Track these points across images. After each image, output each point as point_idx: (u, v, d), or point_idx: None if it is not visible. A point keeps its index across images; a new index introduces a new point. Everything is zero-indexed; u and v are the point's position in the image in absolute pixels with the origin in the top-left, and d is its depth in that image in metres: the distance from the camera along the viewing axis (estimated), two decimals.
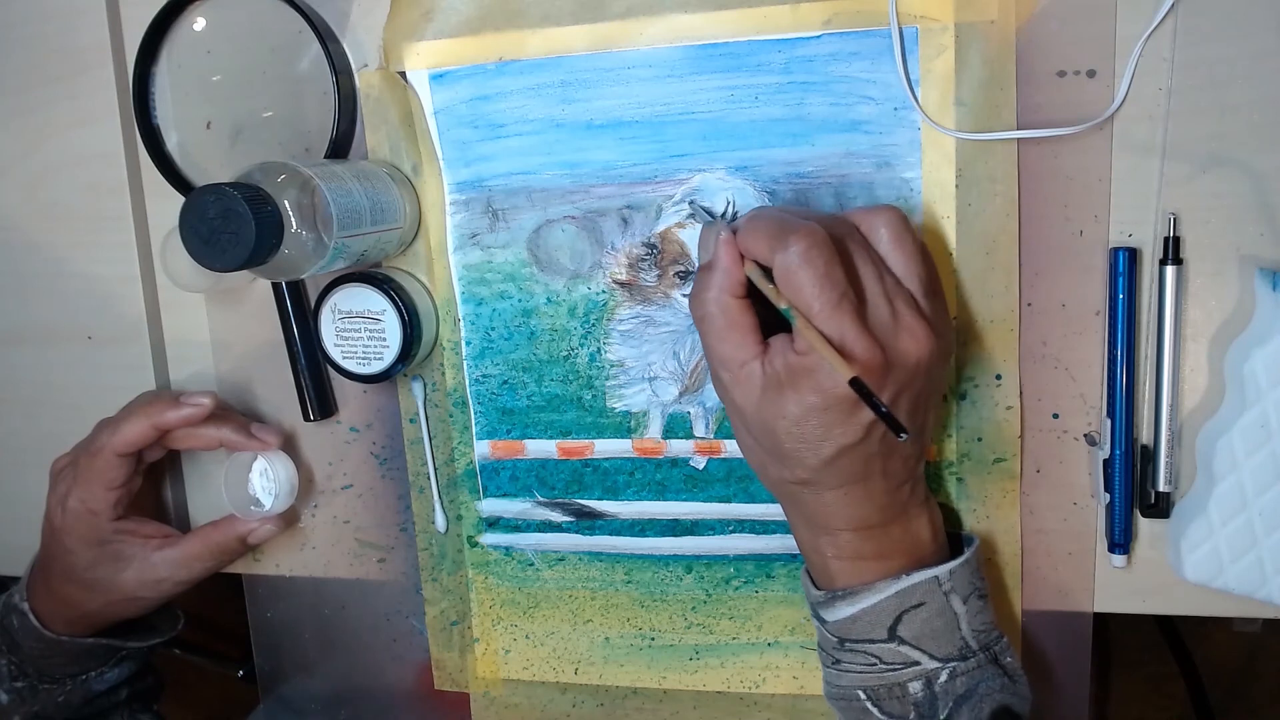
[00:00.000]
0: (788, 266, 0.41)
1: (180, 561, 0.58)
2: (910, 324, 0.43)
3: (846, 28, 0.50)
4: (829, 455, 0.43)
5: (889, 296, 0.43)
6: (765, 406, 0.44)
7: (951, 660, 0.45)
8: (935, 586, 0.45)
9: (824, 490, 0.45)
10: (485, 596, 0.61)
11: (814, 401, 0.42)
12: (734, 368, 0.45)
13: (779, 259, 0.42)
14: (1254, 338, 0.47)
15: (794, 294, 0.42)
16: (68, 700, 0.60)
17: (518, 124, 0.54)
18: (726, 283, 0.44)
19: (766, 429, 0.44)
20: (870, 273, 0.43)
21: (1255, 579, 0.49)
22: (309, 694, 0.66)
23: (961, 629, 0.46)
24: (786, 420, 0.43)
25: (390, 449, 0.61)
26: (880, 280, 0.43)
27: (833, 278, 0.41)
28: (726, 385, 0.45)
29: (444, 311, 0.57)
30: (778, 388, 0.43)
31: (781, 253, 0.41)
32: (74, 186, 0.61)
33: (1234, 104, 0.47)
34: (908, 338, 0.43)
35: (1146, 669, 1.17)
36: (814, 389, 0.42)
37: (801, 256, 0.41)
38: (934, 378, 0.45)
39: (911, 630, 0.45)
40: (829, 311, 0.41)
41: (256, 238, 0.43)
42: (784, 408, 0.43)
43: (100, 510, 0.56)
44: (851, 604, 0.46)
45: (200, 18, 0.57)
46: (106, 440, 0.55)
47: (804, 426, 0.43)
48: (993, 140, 0.49)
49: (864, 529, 0.46)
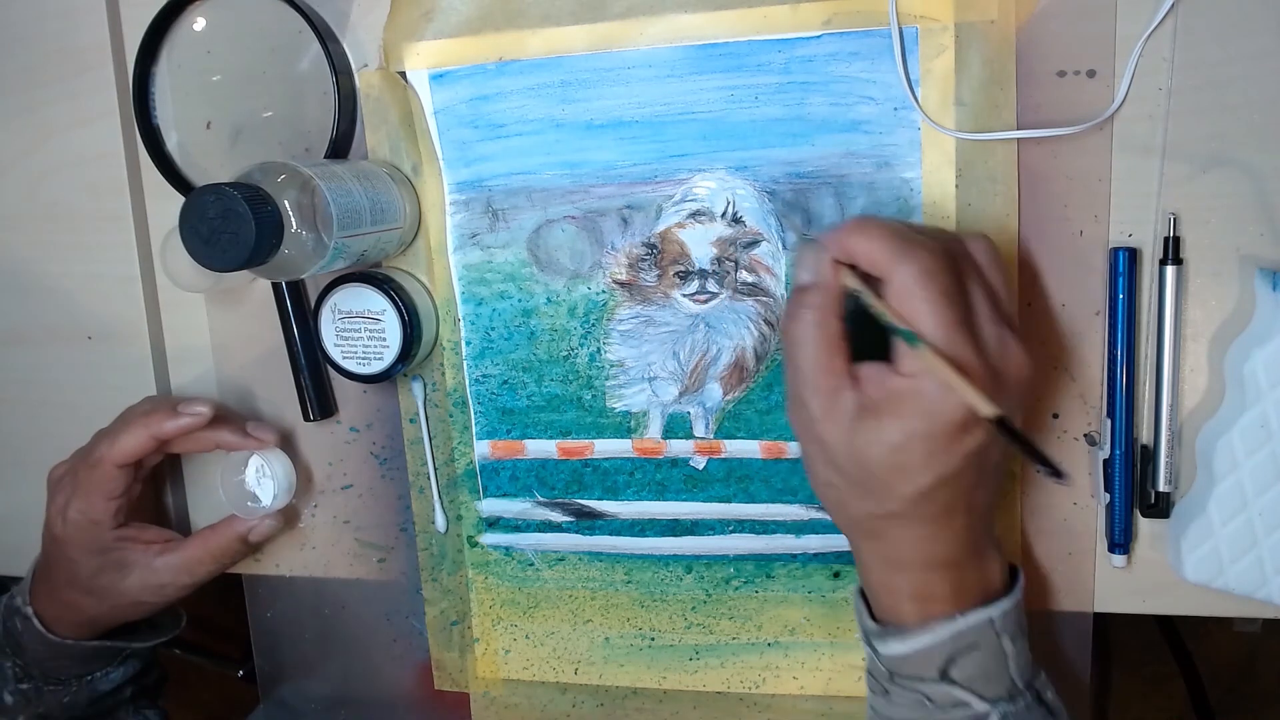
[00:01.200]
0: (910, 281, 0.39)
1: (182, 566, 0.58)
2: (1015, 350, 0.41)
3: (846, 28, 0.50)
4: (925, 486, 0.41)
5: (995, 321, 0.41)
6: (859, 436, 0.41)
7: (1000, 701, 0.44)
8: (989, 628, 0.43)
9: (912, 524, 0.43)
10: (485, 596, 0.61)
11: (918, 427, 0.40)
12: (825, 396, 0.42)
13: (901, 272, 0.40)
14: (1254, 338, 0.47)
15: (913, 311, 0.40)
16: (73, 701, 0.60)
17: (518, 124, 0.54)
18: (831, 303, 0.42)
19: (857, 460, 0.42)
20: (980, 295, 0.41)
21: (1255, 579, 0.49)
22: (309, 694, 0.66)
23: (1010, 669, 0.44)
24: (884, 447, 0.41)
25: (390, 449, 0.61)
26: (989, 304, 0.42)
27: (954, 299, 0.40)
28: (815, 415, 0.43)
29: (444, 311, 0.57)
30: (875, 414, 0.41)
31: (906, 265, 0.39)
32: (74, 186, 0.61)
33: (1234, 104, 0.47)
34: (1014, 363, 0.41)
35: (1146, 669, 1.17)
36: (919, 414, 0.40)
37: (927, 273, 0.39)
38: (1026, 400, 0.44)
39: (964, 672, 0.43)
40: (949, 333, 0.39)
41: (256, 238, 0.43)
42: (883, 434, 0.41)
43: (101, 520, 0.56)
44: (905, 642, 0.44)
45: (200, 18, 0.57)
46: (105, 452, 0.55)
47: (904, 454, 0.41)
48: (993, 140, 0.49)
49: (942, 568, 0.44)
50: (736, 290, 0.53)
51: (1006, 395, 0.41)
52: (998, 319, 0.42)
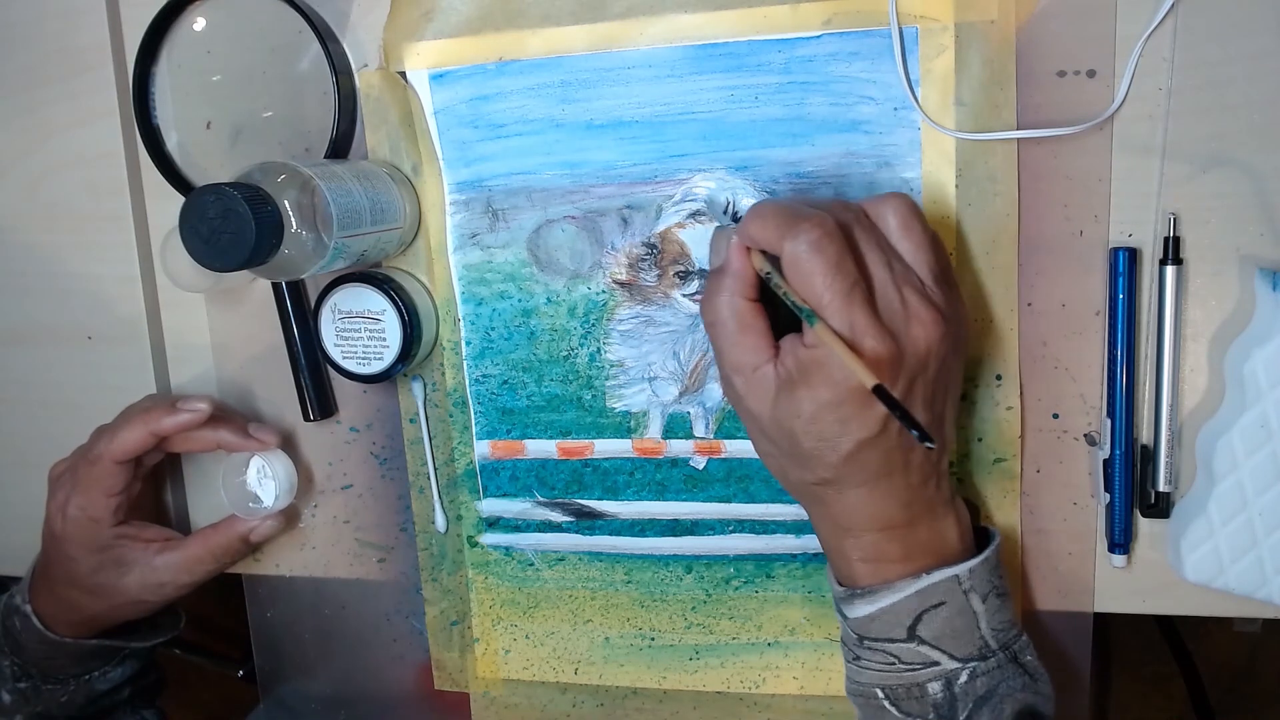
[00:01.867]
0: (797, 255, 0.41)
1: (182, 565, 0.58)
2: (919, 311, 0.42)
3: (846, 28, 0.50)
4: (848, 451, 0.43)
5: (898, 284, 0.42)
6: (780, 407, 0.43)
7: (971, 660, 0.45)
8: (955, 585, 0.45)
9: (847, 489, 0.45)
10: (485, 596, 0.61)
11: (827, 396, 0.42)
12: (747, 372, 0.44)
13: (788, 247, 0.41)
14: (1254, 338, 0.47)
15: (804, 284, 0.41)
16: (71, 700, 0.60)
17: (518, 124, 0.54)
18: (738, 285, 0.44)
19: (784, 431, 0.44)
20: (878, 260, 0.42)
21: (1255, 579, 0.49)
22: (309, 694, 0.66)
23: (981, 628, 0.45)
24: (802, 419, 0.43)
25: (390, 449, 0.61)
26: (889, 268, 0.42)
27: (843, 267, 0.41)
28: (740, 392, 0.45)
29: (444, 311, 0.57)
30: (790, 387, 0.43)
31: (791, 241, 0.41)
32: (74, 186, 0.61)
33: (1234, 104, 0.47)
34: (918, 326, 0.42)
35: (1146, 669, 1.17)
36: (826, 383, 0.42)
37: (812, 245, 0.41)
38: (949, 367, 0.45)
39: (931, 630, 0.45)
40: (840, 302, 0.41)
41: (256, 238, 0.43)
42: (799, 406, 0.43)
43: (101, 517, 0.56)
44: (870, 602, 0.45)
45: (200, 18, 0.57)
46: (104, 448, 0.55)
47: (820, 423, 0.43)
48: (993, 140, 0.49)
49: (889, 528, 0.45)
50: None
51: (913, 355, 0.42)
52: (901, 281, 0.42)
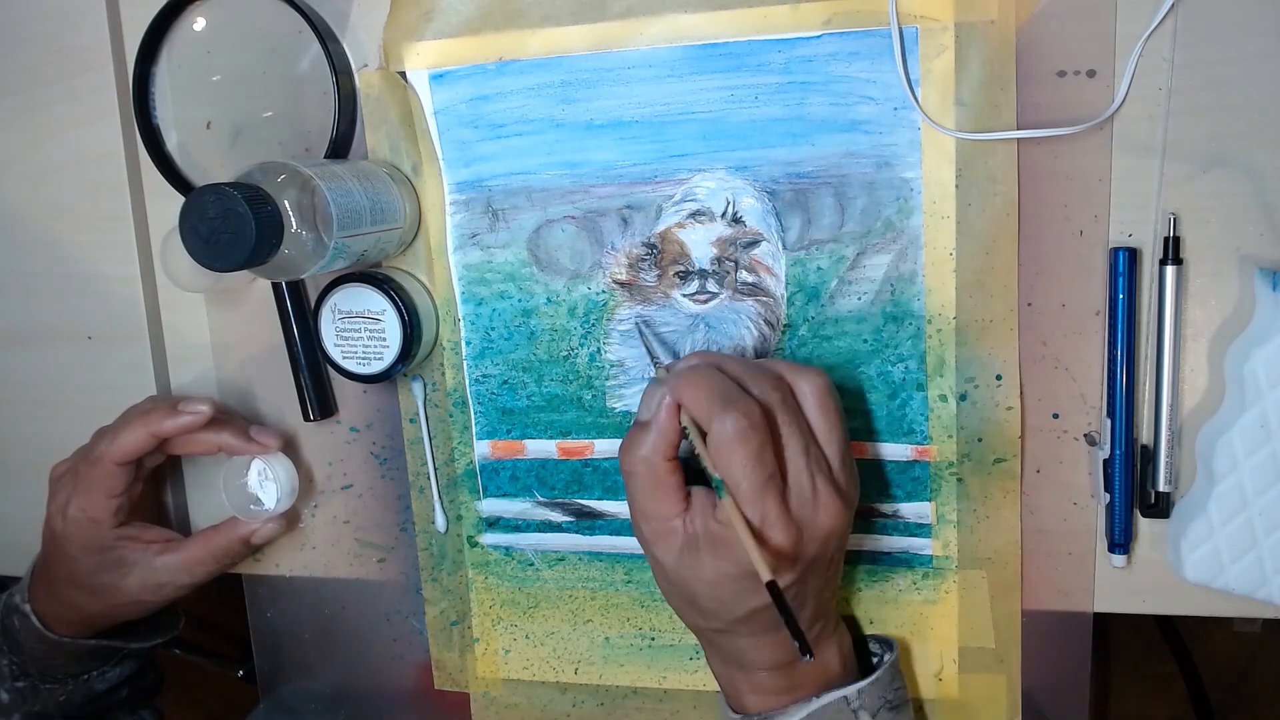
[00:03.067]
0: (721, 439, 0.42)
1: (182, 566, 0.58)
2: (826, 500, 0.44)
3: (846, 28, 0.50)
4: (742, 614, 0.45)
5: (811, 472, 0.44)
6: (683, 565, 0.45)
7: None
8: (844, 706, 0.47)
9: (738, 638, 0.47)
10: (485, 596, 0.61)
11: (729, 570, 0.44)
12: (655, 522, 0.46)
13: (715, 428, 0.43)
14: (1254, 338, 0.47)
15: (724, 467, 0.43)
16: (69, 699, 0.60)
17: (518, 124, 0.54)
18: (661, 444, 0.45)
19: (684, 584, 0.46)
20: (797, 446, 0.44)
21: (1255, 579, 0.49)
22: (309, 694, 0.66)
23: None
24: (703, 582, 0.45)
25: (390, 449, 0.61)
26: (805, 454, 0.44)
27: (763, 459, 0.42)
28: (648, 538, 0.47)
29: (444, 311, 0.57)
30: (695, 550, 0.45)
31: (719, 423, 0.42)
32: (74, 186, 0.61)
33: (1234, 104, 0.47)
34: (824, 514, 0.44)
35: (1146, 669, 1.17)
36: (730, 560, 0.44)
37: (738, 434, 0.42)
38: (844, 539, 0.47)
39: None
40: (754, 493, 0.42)
41: (256, 238, 0.43)
42: (700, 569, 0.45)
43: (101, 518, 0.56)
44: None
45: (200, 18, 0.57)
46: (105, 449, 0.55)
47: (719, 589, 0.45)
48: (993, 140, 0.49)
49: (776, 668, 0.47)
50: (736, 290, 0.53)
51: (816, 541, 0.44)
52: (814, 469, 0.44)
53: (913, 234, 0.51)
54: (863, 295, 0.52)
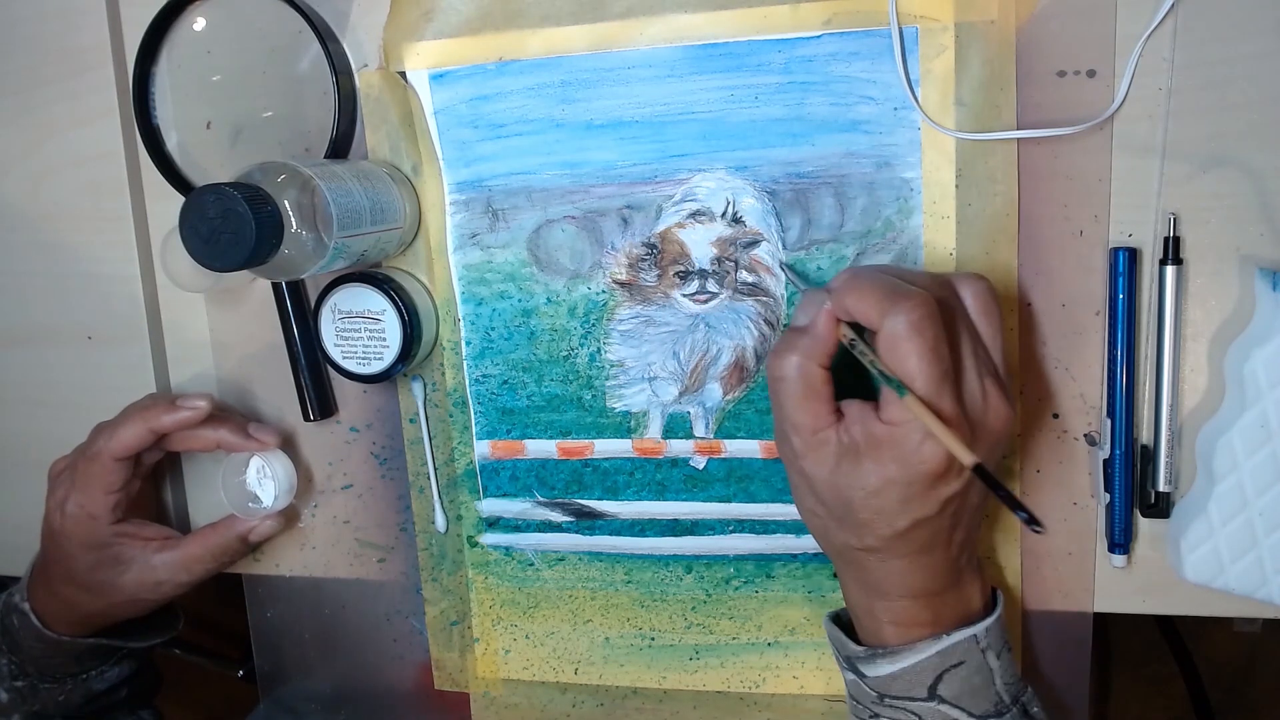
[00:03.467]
0: (896, 334, 0.40)
1: (180, 564, 0.58)
2: (996, 403, 0.43)
3: (846, 28, 0.50)
4: (903, 528, 0.43)
5: (980, 373, 0.42)
6: (840, 475, 0.43)
7: (988, 717, 0.45)
8: (974, 644, 0.45)
9: (890, 559, 0.45)
10: (485, 596, 0.61)
11: (896, 473, 0.42)
12: (806, 434, 0.44)
13: (888, 324, 0.41)
14: (1254, 338, 0.47)
15: (899, 363, 0.41)
16: (68, 699, 0.60)
17: (518, 124, 0.54)
18: (816, 351, 0.44)
19: (840, 497, 0.44)
20: (968, 346, 0.43)
21: (1255, 579, 0.49)
22: (309, 694, 0.66)
23: (996, 684, 0.45)
24: (865, 490, 0.43)
25: (390, 449, 0.61)
26: (975, 355, 0.43)
27: (940, 352, 0.41)
28: (797, 451, 0.44)
29: (444, 311, 0.57)
30: (855, 457, 0.43)
31: (892, 319, 0.40)
32: (74, 186, 0.61)
33: (1234, 104, 0.47)
34: (994, 417, 0.43)
35: (1146, 669, 1.17)
36: (898, 460, 0.42)
37: (913, 326, 0.40)
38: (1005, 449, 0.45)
39: (951, 689, 0.45)
40: (932, 386, 0.40)
41: (256, 238, 0.43)
42: (862, 478, 0.42)
43: (99, 514, 0.56)
44: (893, 662, 0.45)
45: (200, 18, 0.57)
46: (104, 445, 0.55)
47: (882, 498, 0.42)
48: (993, 140, 0.49)
49: (922, 596, 0.45)
50: (736, 290, 0.53)
51: (985, 444, 0.43)
52: (982, 370, 0.43)
53: (913, 234, 0.51)
54: None
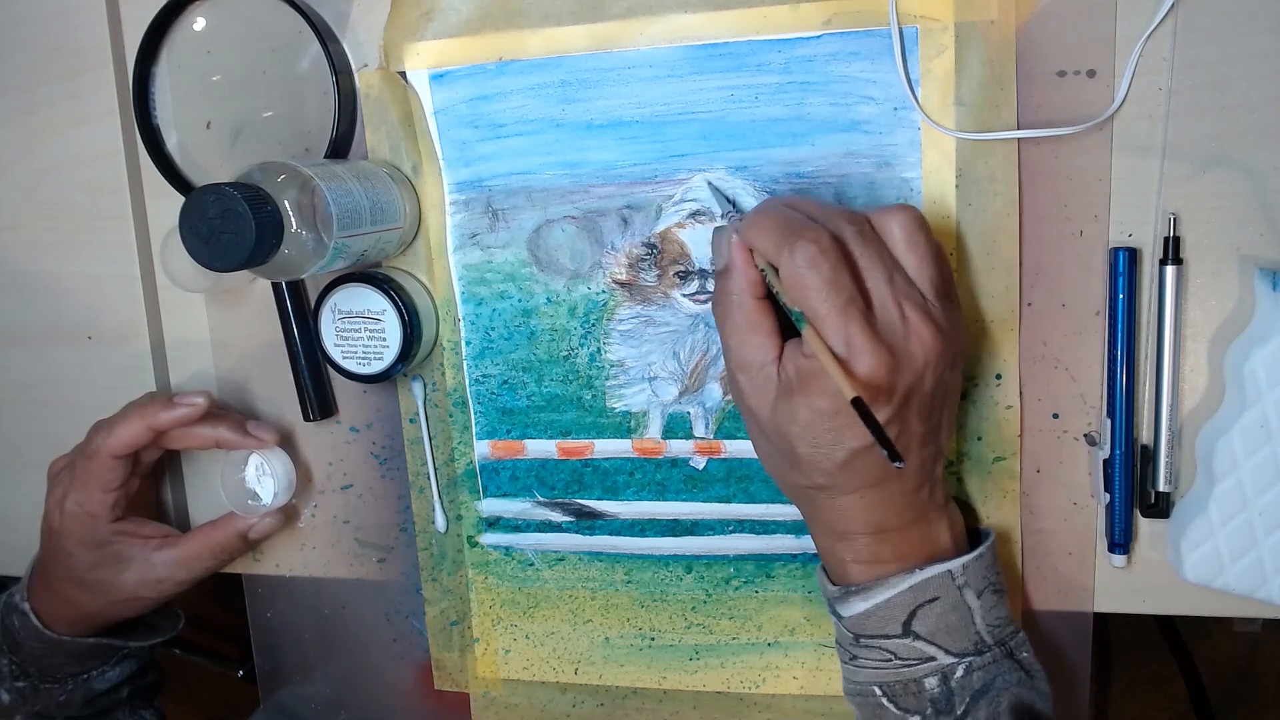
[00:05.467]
0: (793, 269, 0.41)
1: (180, 561, 0.58)
2: (918, 327, 0.42)
3: (846, 28, 0.50)
4: (842, 459, 0.43)
5: (898, 299, 0.42)
6: (779, 411, 0.44)
7: (967, 655, 0.45)
8: (949, 580, 0.45)
9: (840, 494, 0.45)
10: (485, 596, 0.61)
11: (823, 406, 0.42)
12: (752, 370, 0.45)
13: (784, 260, 0.41)
14: (1254, 338, 0.47)
15: (800, 297, 0.41)
16: (69, 699, 0.60)
17: (518, 124, 0.54)
18: (745, 284, 0.44)
19: (781, 434, 0.44)
20: (879, 275, 0.42)
21: (1255, 579, 0.49)
22: (309, 694, 0.66)
23: (976, 624, 0.45)
24: (798, 425, 0.43)
25: (390, 449, 0.61)
26: (889, 283, 0.42)
27: (838, 283, 0.41)
28: (744, 389, 0.45)
29: (444, 311, 0.57)
30: (789, 393, 0.43)
31: (787, 254, 0.41)
32: (74, 186, 0.61)
33: (1234, 104, 0.47)
34: (916, 341, 0.42)
35: (1146, 669, 1.17)
36: (822, 393, 0.42)
37: (808, 260, 0.41)
38: (945, 379, 0.45)
39: (926, 625, 0.45)
40: (835, 317, 0.41)
41: (256, 238, 0.43)
42: (795, 412, 0.43)
43: (98, 513, 0.56)
44: (866, 599, 0.46)
45: (200, 18, 0.57)
46: (102, 443, 0.55)
47: (815, 431, 0.43)
48: (993, 140, 0.49)
49: (881, 532, 0.46)
50: None
51: (910, 369, 0.42)
52: (900, 298, 0.42)
53: None
54: None
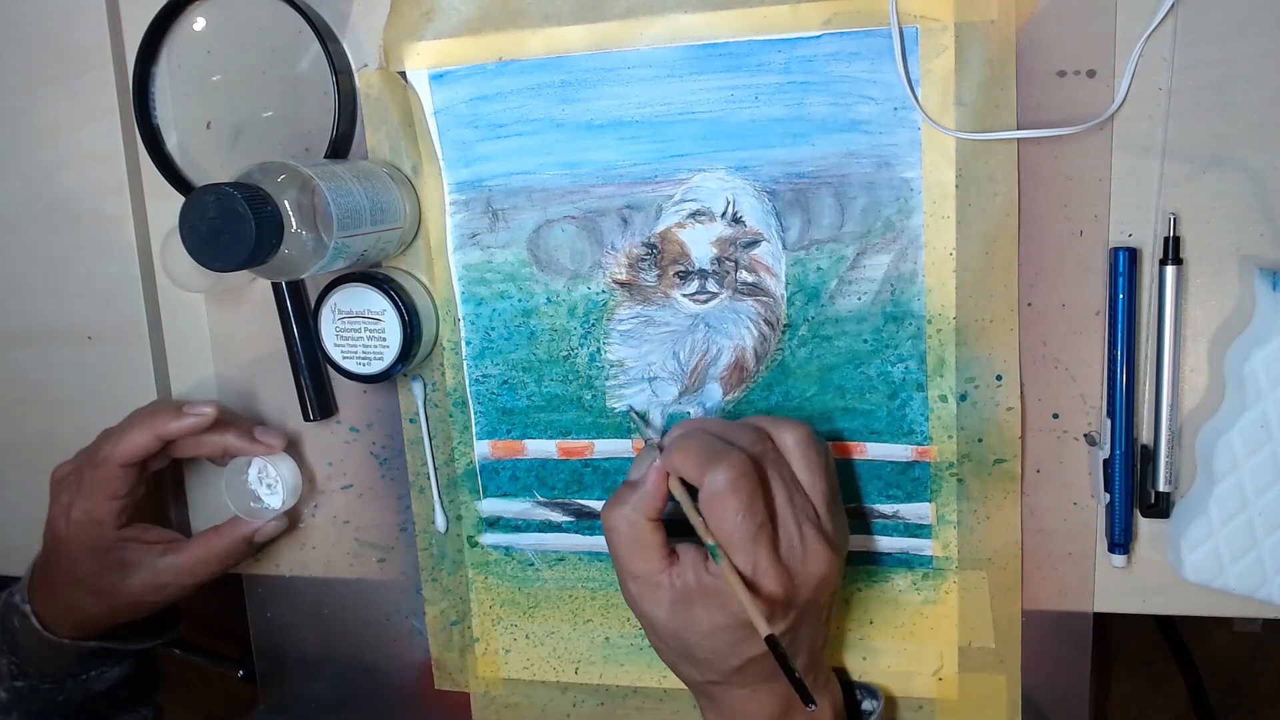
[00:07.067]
0: (714, 493, 0.43)
1: (185, 567, 0.58)
2: (814, 547, 0.45)
3: (846, 28, 0.50)
4: (738, 664, 0.46)
5: (798, 520, 0.45)
6: (675, 617, 0.46)
7: None
8: None
9: (732, 689, 0.47)
10: (485, 596, 0.61)
11: (724, 621, 0.45)
12: (641, 579, 0.47)
13: (707, 483, 0.44)
14: (1254, 338, 0.47)
15: (716, 519, 0.44)
16: (68, 699, 0.60)
17: (518, 124, 0.54)
18: (646, 505, 0.46)
19: (677, 637, 0.46)
20: (783, 496, 0.45)
21: (1255, 579, 0.49)
22: (309, 694, 0.66)
23: None
24: (698, 635, 0.45)
25: (390, 449, 0.61)
26: (791, 503, 0.45)
27: (754, 508, 0.43)
28: (634, 595, 0.47)
29: (444, 311, 0.57)
30: (688, 601, 0.45)
31: (710, 477, 0.43)
32: (74, 186, 0.61)
33: (1234, 104, 0.47)
34: (813, 561, 0.45)
35: (1146, 669, 1.17)
36: (723, 610, 0.44)
37: (729, 485, 0.43)
38: (833, 586, 0.48)
39: None
40: (747, 542, 0.43)
41: (256, 238, 0.43)
42: (695, 621, 0.45)
43: (105, 520, 0.56)
44: None
45: (200, 18, 0.57)
46: (110, 451, 0.55)
47: (715, 640, 0.45)
48: (993, 140, 0.49)
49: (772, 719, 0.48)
50: (736, 290, 0.53)
51: (807, 588, 0.45)
52: (801, 518, 0.45)
53: (913, 234, 0.51)
54: (863, 295, 0.52)
